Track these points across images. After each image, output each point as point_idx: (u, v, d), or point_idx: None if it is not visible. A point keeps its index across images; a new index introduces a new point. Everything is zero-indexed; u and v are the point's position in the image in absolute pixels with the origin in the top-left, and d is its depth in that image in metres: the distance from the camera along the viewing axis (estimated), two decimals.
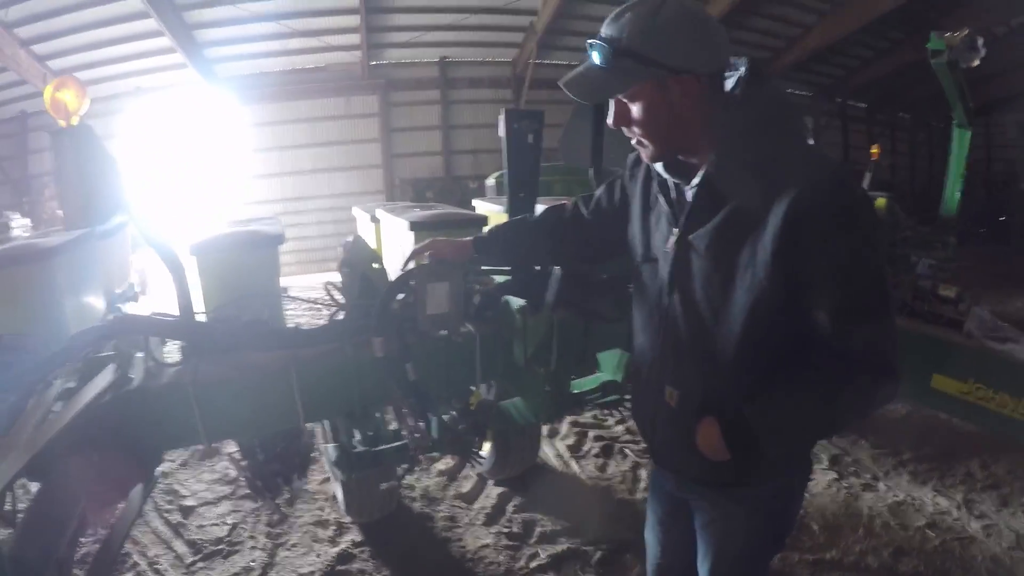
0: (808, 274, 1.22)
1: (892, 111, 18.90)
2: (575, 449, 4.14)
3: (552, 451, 4.08)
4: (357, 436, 2.36)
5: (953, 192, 5.49)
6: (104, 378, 1.75)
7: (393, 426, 2.60)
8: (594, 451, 4.12)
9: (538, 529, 3.22)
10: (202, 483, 3.58)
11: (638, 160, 1.61)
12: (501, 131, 2.26)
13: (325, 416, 2.21)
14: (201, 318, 2.10)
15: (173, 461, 3.82)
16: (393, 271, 2.60)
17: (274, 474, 2.24)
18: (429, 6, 10.34)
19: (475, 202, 4.37)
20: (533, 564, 2.96)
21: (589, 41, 1.31)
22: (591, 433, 4.33)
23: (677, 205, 1.43)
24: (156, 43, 9.16)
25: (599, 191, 1.75)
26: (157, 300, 2.91)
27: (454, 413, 2.17)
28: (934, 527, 3.29)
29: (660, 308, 1.46)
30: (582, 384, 2.82)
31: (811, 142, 1.40)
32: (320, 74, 11.03)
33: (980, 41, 4.72)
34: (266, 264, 2.44)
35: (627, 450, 4.15)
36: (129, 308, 2.64)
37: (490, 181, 9.15)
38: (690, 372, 1.42)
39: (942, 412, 3.44)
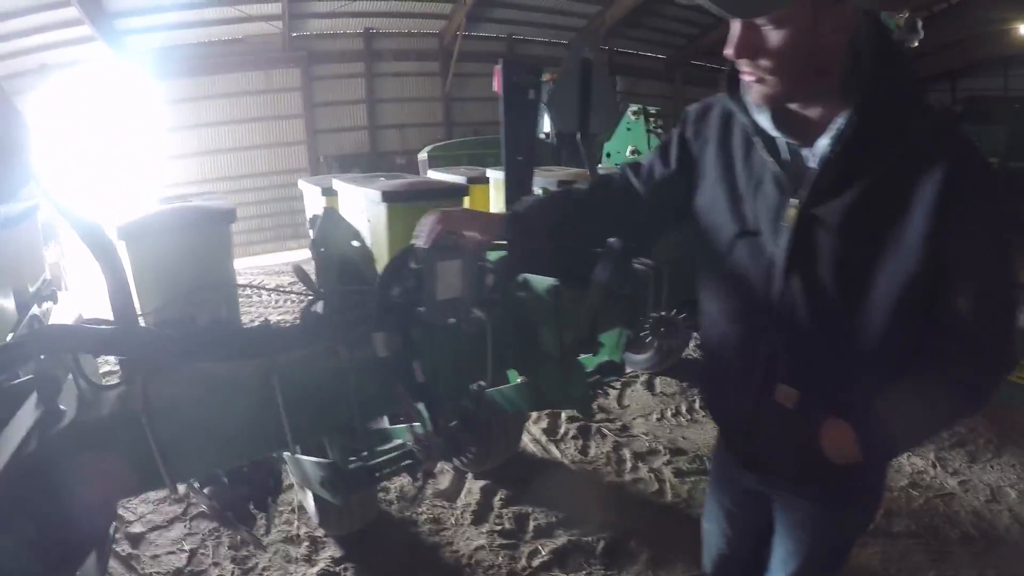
0: (957, 260, 1.07)
1: None
2: (551, 433, 3.95)
3: (527, 436, 3.85)
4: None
5: None
6: (26, 417, 1.28)
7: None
8: (571, 433, 3.94)
9: (532, 523, 3.00)
10: (148, 503, 3.10)
11: (703, 115, 1.36)
12: (496, 86, 1.95)
13: (318, 435, 1.80)
14: (142, 321, 1.69)
15: None
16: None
17: (245, 499, 1.86)
18: None
19: (431, 173, 4.01)
20: (536, 562, 2.74)
21: None
22: (563, 414, 4.12)
23: (792, 169, 1.18)
24: (62, 14, 8.11)
25: (649, 156, 1.47)
26: (80, 299, 2.43)
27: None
28: (916, 487, 3.32)
29: (768, 294, 1.22)
30: None
31: None
32: (239, 46, 10.15)
33: (919, 24, 4.91)
34: (217, 247, 2.00)
35: (604, 430, 3.99)
36: (48, 312, 2.15)
37: (422, 155, 8.76)
38: (815, 370, 1.21)
39: None
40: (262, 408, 1.53)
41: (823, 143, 1.12)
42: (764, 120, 1.18)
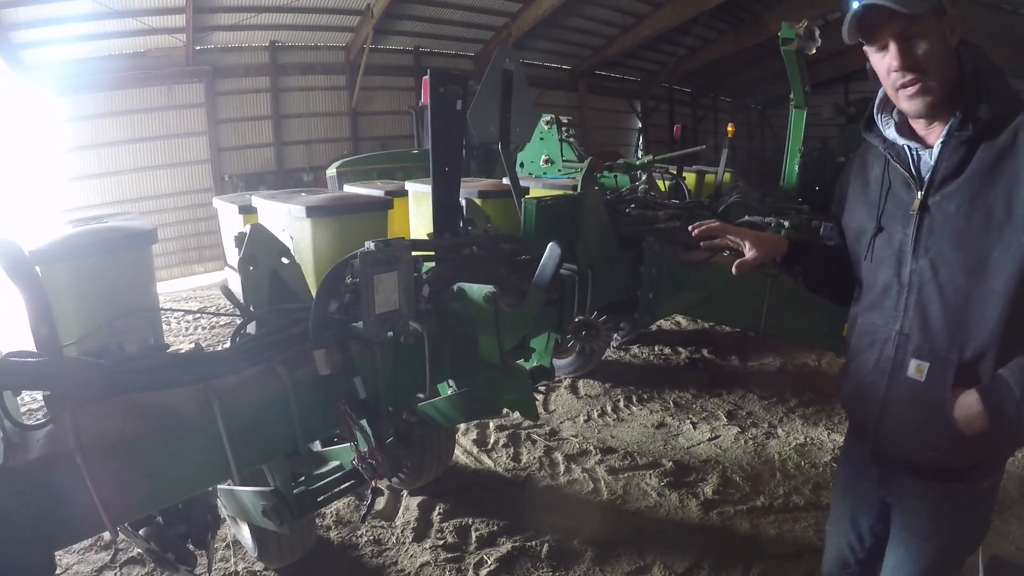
0: None
1: (714, 95, 20.84)
2: (481, 443, 3.97)
3: (459, 448, 3.85)
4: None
5: (792, 166, 5.99)
6: None
7: None
8: (501, 442, 3.98)
9: (474, 534, 3.01)
10: (73, 553, 2.84)
11: (848, 163, 1.62)
12: (424, 96, 1.96)
13: (262, 461, 1.72)
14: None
15: None
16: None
17: (183, 538, 1.77)
18: None
19: (348, 188, 3.95)
20: (483, 572, 2.74)
21: None
22: (492, 424, 4.16)
23: (915, 170, 1.39)
24: None
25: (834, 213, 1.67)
26: None
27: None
28: (803, 463, 3.57)
29: (900, 277, 1.40)
30: None
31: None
32: (141, 60, 9.55)
33: (817, 32, 5.27)
34: (139, 270, 1.89)
35: (534, 435, 4.04)
36: None
37: (331, 171, 8.54)
38: (942, 341, 1.34)
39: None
40: (204, 437, 1.47)
41: (938, 144, 1.33)
42: (891, 132, 1.40)
